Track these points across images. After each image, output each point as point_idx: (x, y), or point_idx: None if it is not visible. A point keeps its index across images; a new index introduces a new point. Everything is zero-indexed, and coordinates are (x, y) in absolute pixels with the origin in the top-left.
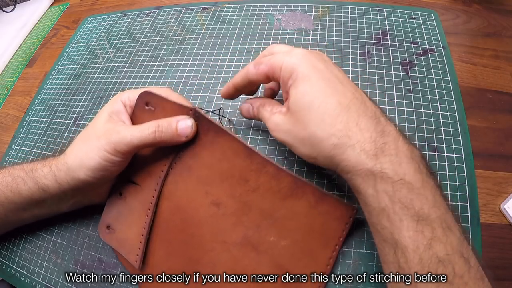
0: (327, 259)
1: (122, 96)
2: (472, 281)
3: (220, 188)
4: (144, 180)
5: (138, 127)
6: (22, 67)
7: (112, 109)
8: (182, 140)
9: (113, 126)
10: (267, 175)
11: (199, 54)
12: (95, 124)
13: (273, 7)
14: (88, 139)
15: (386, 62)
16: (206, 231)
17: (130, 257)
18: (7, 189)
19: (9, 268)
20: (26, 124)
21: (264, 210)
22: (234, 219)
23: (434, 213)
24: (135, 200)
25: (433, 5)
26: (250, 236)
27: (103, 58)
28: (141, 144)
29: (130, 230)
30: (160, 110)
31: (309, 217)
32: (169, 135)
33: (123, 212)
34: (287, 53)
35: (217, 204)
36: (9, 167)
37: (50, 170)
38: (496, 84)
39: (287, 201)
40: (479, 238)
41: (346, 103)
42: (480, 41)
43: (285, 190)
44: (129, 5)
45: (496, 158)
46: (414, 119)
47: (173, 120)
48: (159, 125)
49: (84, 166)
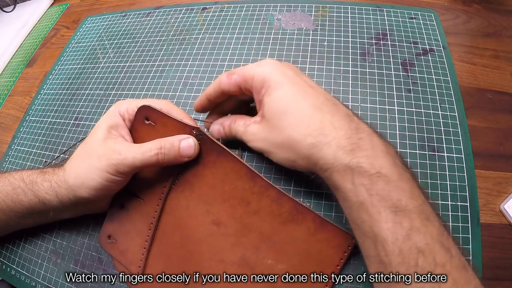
0: (323, 287)
1: (120, 108)
2: (455, 270)
3: (221, 208)
4: (147, 195)
5: (140, 147)
6: (22, 67)
7: (111, 123)
8: (184, 160)
9: (113, 145)
10: (269, 198)
11: (199, 54)
12: (94, 140)
13: (273, 7)
14: (88, 158)
15: (386, 62)
16: (205, 249)
17: (131, 267)
18: (7, 198)
19: (9, 268)
20: (26, 124)
21: (263, 233)
22: (233, 240)
23: (411, 204)
24: (137, 213)
25: (433, 5)
26: (248, 257)
27: (103, 58)
28: (143, 165)
29: (132, 241)
30: (161, 126)
31: (307, 243)
32: (171, 157)
33: (125, 223)
34: (258, 64)
35: (217, 223)
36: (6, 174)
37: (51, 186)
38: (496, 84)
39: (287, 225)
40: (479, 238)
41: (318, 105)
42: (480, 41)
43: (286, 214)
44: (129, 5)
45: (496, 158)
46: (414, 119)
47: (176, 140)
48: (162, 146)
49: (86, 186)
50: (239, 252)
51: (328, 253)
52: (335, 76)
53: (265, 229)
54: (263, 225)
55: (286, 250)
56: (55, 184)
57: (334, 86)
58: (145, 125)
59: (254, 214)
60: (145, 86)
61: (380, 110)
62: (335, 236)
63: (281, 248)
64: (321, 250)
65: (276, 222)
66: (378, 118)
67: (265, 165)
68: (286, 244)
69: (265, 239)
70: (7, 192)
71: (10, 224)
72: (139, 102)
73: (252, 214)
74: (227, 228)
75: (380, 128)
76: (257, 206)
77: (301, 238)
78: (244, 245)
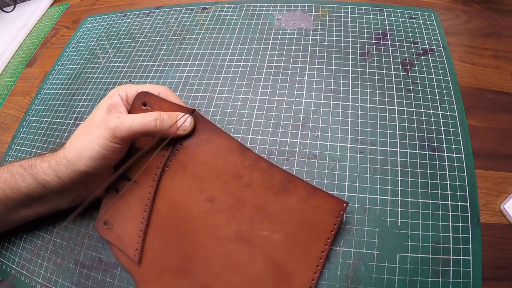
0: (319, 253)
1: (119, 90)
2: None
3: (214, 185)
4: (140, 177)
5: (139, 114)
6: (22, 67)
7: (111, 102)
8: (180, 133)
9: (112, 115)
10: (260, 171)
11: (199, 54)
12: (94, 116)
13: (273, 7)
14: (86, 131)
15: (386, 62)
16: (201, 226)
17: (129, 251)
18: (5, 185)
19: (9, 268)
20: (26, 124)
21: (257, 205)
22: (228, 214)
23: None
24: (132, 197)
25: (433, 5)
26: (243, 231)
27: (103, 58)
28: (140, 130)
29: (128, 225)
30: (158, 110)
31: (300, 211)
32: (168, 125)
33: (121, 208)
34: None
35: (211, 200)
36: (7, 164)
37: (50, 165)
38: (496, 84)
39: (279, 196)
40: (479, 238)
41: None
42: (480, 41)
43: (277, 185)
44: (129, 5)
45: (496, 158)
46: (414, 119)
47: (174, 113)
48: (161, 114)
49: (83, 157)
50: (234, 226)
51: (322, 219)
52: (335, 76)
53: (259, 201)
54: (256, 197)
55: (281, 220)
56: (55, 162)
57: (334, 86)
58: (142, 110)
59: (247, 188)
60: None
61: (380, 110)
62: (327, 202)
63: (275, 218)
64: (314, 217)
65: (269, 193)
66: (378, 118)
67: None
68: (280, 214)
69: (259, 211)
70: (5, 179)
71: (8, 215)
72: (138, 87)
73: (245, 187)
74: (221, 203)
75: (380, 128)
76: (249, 179)
77: (294, 207)
78: (239, 219)
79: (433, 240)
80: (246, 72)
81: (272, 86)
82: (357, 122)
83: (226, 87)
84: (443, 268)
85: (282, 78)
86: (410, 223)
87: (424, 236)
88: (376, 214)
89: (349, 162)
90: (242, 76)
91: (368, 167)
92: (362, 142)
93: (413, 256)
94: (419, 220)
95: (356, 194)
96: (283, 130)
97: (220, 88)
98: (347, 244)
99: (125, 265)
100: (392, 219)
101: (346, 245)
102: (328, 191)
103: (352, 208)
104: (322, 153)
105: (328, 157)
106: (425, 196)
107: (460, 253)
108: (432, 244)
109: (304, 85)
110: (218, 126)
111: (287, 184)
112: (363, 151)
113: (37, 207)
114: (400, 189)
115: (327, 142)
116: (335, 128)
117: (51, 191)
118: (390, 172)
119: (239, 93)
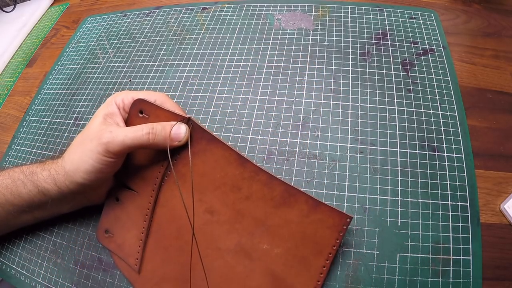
0: (321, 268)
1: (116, 98)
2: None
3: (213, 196)
4: (140, 187)
5: (131, 127)
6: (22, 67)
7: (107, 112)
8: (174, 144)
9: (106, 127)
10: (260, 183)
11: (199, 54)
12: (90, 127)
13: (273, 7)
14: (82, 142)
15: (386, 62)
16: (201, 238)
17: (129, 260)
18: (6, 191)
19: (9, 268)
20: (26, 124)
21: (257, 218)
22: (228, 227)
23: None
24: (132, 206)
25: (433, 5)
26: (243, 243)
27: (103, 58)
28: (133, 144)
29: (128, 234)
30: (154, 118)
31: (301, 225)
32: (162, 138)
33: (121, 217)
34: None
35: (210, 212)
36: (8, 169)
37: (50, 174)
38: (496, 84)
39: (280, 209)
40: (479, 238)
41: None
42: (480, 41)
43: (278, 198)
44: (129, 5)
45: (496, 158)
46: (414, 119)
47: (167, 124)
48: (153, 127)
49: (79, 170)
50: (234, 239)
51: (324, 234)
52: (335, 76)
53: (258, 214)
54: (256, 210)
55: (281, 234)
56: (54, 172)
57: (334, 86)
58: (139, 118)
59: (246, 200)
60: (145, 86)
61: (380, 110)
62: (329, 216)
63: (276, 232)
64: (316, 232)
65: (269, 206)
66: (378, 118)
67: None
68: (280, 227)
69: (259, 224)
70: (7, 184)
71: (9, 220)
72: (135, 94)
73: (244, 199)
74: (221, 215)
75: (380, 128)
76: (248, 191)
77: (295, 220)
78: (239, 232)
79: (433, 240)
80: (246, 72)
81: (272, 86)
82: (357, 122)
83: (226, 87)
84: (443, 268)
85: (282, 78)
86: (410, 223)
87: (424, 236)
88: (376, 214)
89: (349, 162)
90: (242, 76)
91: (368, 167)
92: (362, 142)
93: (413, 256)
94: (419, 220)
95: (356, 194)
96: (283, 130)
97: (220, 88)
98: (347, 244)
99: (125, 273)
100: (392, 219)
101: (346, 245)
102: (328, 191)
103: (352, 208)
104: (322, 153)
105: (328, 157)
106: (425, 196)
107: (460, 253)
108: (432, 244)
109: (304, 85)
110: (215, 135)
111: (288, 197)
112: (363, 151)
113: (37, 213)
114: (400, 189)
115: (327, 142)
116: (335, 128)
117: (51, 199)
118: (390, 172)
119: (239, 93)
